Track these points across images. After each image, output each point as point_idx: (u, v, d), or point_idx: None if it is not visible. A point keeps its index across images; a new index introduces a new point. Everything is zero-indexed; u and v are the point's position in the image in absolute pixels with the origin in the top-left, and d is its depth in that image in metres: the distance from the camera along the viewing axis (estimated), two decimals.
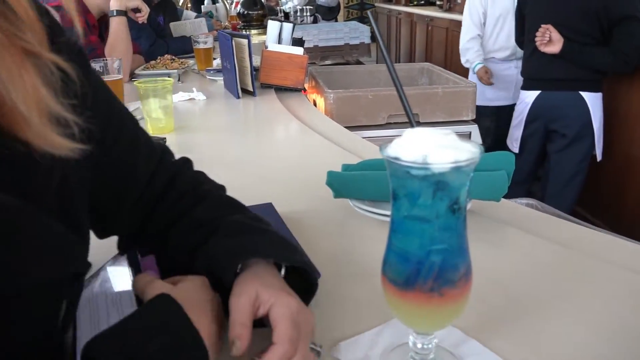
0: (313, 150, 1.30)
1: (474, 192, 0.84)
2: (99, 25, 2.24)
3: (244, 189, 1.03)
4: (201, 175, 0.71)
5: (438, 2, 5.60)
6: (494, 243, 0.79)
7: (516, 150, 2.59)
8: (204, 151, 1.33)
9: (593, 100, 2.35)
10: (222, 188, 0.71)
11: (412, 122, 0.61)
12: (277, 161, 1.23)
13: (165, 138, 1.20)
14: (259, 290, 0.52)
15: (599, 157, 2.46)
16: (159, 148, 0.66)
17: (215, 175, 1.16)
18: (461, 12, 4.53)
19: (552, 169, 2.52)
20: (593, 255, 0.75)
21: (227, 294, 0.53)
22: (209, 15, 4.57)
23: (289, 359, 0.48)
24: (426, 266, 0.46)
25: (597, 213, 2.82)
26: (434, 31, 5.19)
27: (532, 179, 2.75)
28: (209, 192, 0.67)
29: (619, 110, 2.54)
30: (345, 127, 1.64)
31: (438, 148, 0.44)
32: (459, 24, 3.34)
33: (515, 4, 2.66)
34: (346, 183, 0.85)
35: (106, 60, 1.69)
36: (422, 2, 6.24)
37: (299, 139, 1.44)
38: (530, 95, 2.49)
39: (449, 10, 4.99)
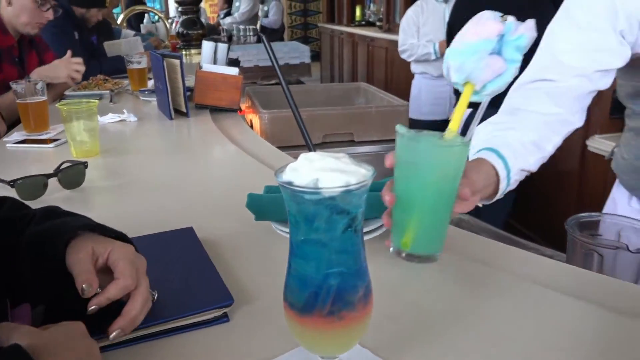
0: (243, 173, 1.29)
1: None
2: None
3: (167, 214, 1.02)
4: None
5: (378, 23, 5.75)
6: (408, 263, 0.80)
7: None
8: (130, 174, 1.29)
9: None
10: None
11: (310, 146, 0.62)
12: (205, 184, 1.21)
13: (86, 162, 1.16)
14: (94, 246, 0.58)
15: None
16: None
17: (137, 199, 1.14)
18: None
19: None
20: (505, 271, 0.78)
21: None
22: (149, 34, 4.49)
23: (130, 290, 0.57)
24: (324, 290, 0.46)
25: (530, 226, 2.94)
26: (375, 51, 5.31)
27: None
28: (5, 198, 0.68)
29: None
30: (281, 147, 1.64)
31: (329, 172, 0.44)
32: (397, 44, 3.44)
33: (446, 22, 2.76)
34: (266, 205, 0.84)
35: (29, 80, 1.63)
36: (363, 22, 6.39)
37: (230, 161, 1.43)
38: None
39: (388, 30, 5.12)
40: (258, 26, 6.82)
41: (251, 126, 2.06)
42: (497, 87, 0.69)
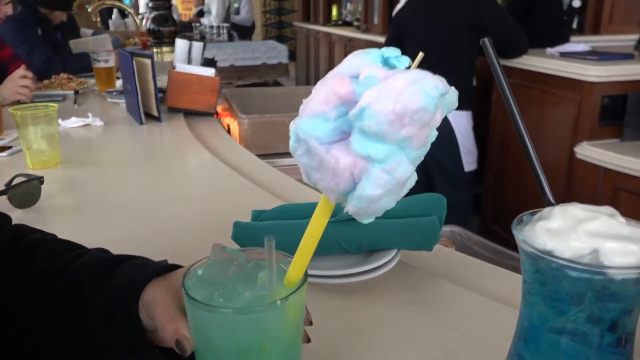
0: (224, 189, 1.15)
1: (404, 242, 0.73)
2: None
3: (136, 241, 0.85)
4: (23, 226, 0.61)
5: (355, 23, 5.65)
6: (428, 306, 0.68)
7: None
8: (93, 190, 1.14)
9: (456, 118, 2.45)
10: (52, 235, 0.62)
11: (549, 197, 0.40)
12: (180, 204, 1.06)
13: (42, 177, 1.01)
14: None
15: (466, 168, 2.55)
16: None
17: (101, 222, 0.98)
18: (378, 34, 4.58)
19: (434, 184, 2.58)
20: None
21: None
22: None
23: None
24: None
25: (497, 221, 2.91)
26: (353, 51, 5.20)
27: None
28: (39, 240, 0.57)
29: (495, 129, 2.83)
30: (262, 154, 1.51)
31: (613, 241, 0.31)
32: (376, 45, 3.33)
33: None
34: (255, 236, 0.71)
35: None
36: (340, 22, 6.28)
37: (208, 175, 1.28)
38: None
39: (367, 31, 5.02)
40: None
41: (228, 131, 1.92)
42: (358, 203, 0.35)
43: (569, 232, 0.32)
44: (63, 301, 0.51)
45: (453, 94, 0.36)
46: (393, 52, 0.36)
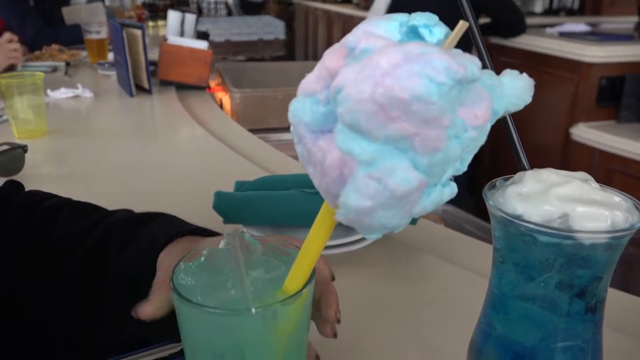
0: (211, 161, 1.14)
1: None
2: None
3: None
4: (38, 192, 0.60)
5: (355, 1, 5.57)
6: (409, 278, 0.68)
7: None
8: (78, 161, 1.12)
9: None
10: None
11: (524, 162, 0.37)
12: (167, 174, 1.06)
13: (26, 146, 0.99)
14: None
15: None
16: None
17: (84, 192, 0.96)
18: None
19: None
20: None
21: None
22: None
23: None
24: None
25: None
26: (351, 29, 5.15)
27: None
28: (59, 205, 0.56)
29: None
30: (253, 129, 1.50)
31: (584, 205, 0.30)
32: None
33: None
34: (237, 206, 0.70)
35: None
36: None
37: (197, 147, 1.27)
38: None
39: (366, 8, 4.96)
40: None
41: (221, 105, 1.90)
42: (345, 213, 0.25)
43: (539, 196, 0.31)
44: (89, 262, 0.49)
45: (518, 81, 0.27)
46: (423, 19, 0.26)
